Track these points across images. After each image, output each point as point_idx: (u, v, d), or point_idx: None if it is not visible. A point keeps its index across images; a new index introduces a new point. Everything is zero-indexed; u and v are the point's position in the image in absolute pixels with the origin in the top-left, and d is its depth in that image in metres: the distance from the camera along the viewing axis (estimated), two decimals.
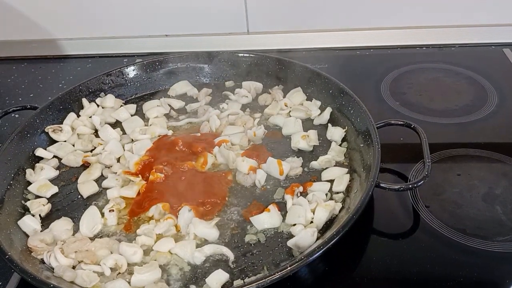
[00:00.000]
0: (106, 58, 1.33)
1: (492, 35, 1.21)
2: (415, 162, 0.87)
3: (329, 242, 0.65)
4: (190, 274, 0.71)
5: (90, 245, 0.74)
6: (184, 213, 0.78)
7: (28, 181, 0.88)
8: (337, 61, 1.21)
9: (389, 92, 1.09)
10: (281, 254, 0.72)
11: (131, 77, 1.09)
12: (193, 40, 1.30)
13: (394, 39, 1.25)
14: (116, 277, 0.70)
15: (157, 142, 0.94)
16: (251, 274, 0.69)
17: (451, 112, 1.02)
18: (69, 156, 0.93)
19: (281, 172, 0.84)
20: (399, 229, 0.77)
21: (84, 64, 1.31)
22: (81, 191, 0.86)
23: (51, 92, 1.19)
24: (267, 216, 0.76)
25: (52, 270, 0.71)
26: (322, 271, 0.71)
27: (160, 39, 1.31)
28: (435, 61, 1.19)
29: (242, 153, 0.90)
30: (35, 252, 0.74)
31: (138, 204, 0.82)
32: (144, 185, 0.85)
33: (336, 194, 0.80)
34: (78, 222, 0.79)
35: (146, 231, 0.76)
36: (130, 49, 1.32)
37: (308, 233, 0.71)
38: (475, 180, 0.84)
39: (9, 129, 1.08)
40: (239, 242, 0.75)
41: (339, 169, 0.84)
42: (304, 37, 1.26)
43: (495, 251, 0.71)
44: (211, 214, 0.79)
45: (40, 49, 1.34)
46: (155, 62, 1.10)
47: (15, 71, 1.30)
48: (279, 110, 1.00)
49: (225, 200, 0.82)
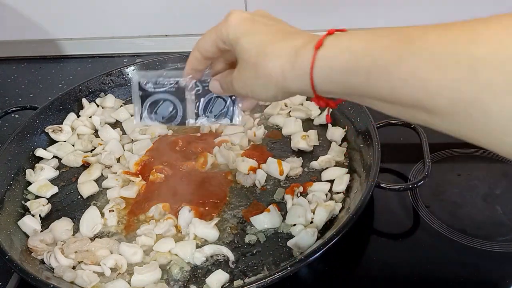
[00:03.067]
0: (106, 58, 1.33)
1: None
2: (415, 162, 0.87)
3: (329, 242, 0.65)
4: (190, 274, 0.71)
5: (90, 245, 0.74)
6: (184, 213, 0.78)
7: (28, 181, 0.88)
8: None
9: None
10: (281, 254, 0.72)
11: (131, 77, 1.09)
12: (193, 40, 1.28)
13: None
14: (116, 278, 0.70)
15: (157, 142, 0.94)
16: (251, 274, 0.69)
17: None
18: (69, 156, 0.93)
19: (281, 172, 0.84)
20: (399, 229, 0.77)
21: (84, 64, 1.31)
22: (81, 191, 0.86)
23: (51, 92, 1.19)
24: (267, 216, 0.76)
25: (52, 271, 0.71)
26: (322, 271, 0.71)
27: (160, 39, 1.31)
28: None
29: (242, 153, 0.90)
30: (35, 252, 0.74)
31: (138, 204, 0.82)
32: (144, 185, 0.85)
33: (336, 194, 0.80)
34: (78, 222, 0.79)
35: (146, 231, 0.76)
36: (130, 49, 1.32)
37: (308, 233, 0.71)
38: (475, 180, 0.84)
39: (9, 129, 1.08)
40: (239, 242, 0.75)
41: (339, 169, 0.84)
42: None
43: (495, 251, 0.71)
44: (211, 214, 0.79)
45: (40, 49, 1.34)
46: (155, 62, 1.09)
47: (15, 71, 1.30)
48: (279, 110, 1.00)
49: (225, 200, 0.82)
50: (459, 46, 0.34)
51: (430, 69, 0.35)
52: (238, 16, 0.53)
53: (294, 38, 0.48)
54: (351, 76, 0.42)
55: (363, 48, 0.40)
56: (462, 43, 0.34)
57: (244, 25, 0.52)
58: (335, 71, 0.43)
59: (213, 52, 0.57)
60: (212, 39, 0.56)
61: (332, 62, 0.43)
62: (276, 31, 0.51)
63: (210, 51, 0.57)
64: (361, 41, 0.41)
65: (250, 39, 0.51)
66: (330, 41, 0.44)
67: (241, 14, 0.53)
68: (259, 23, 0.52)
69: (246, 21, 0.52)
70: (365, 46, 0.40)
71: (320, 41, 0.44)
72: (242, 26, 0.52)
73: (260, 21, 0.52)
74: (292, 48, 0.46)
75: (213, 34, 0.55)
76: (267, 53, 0.48)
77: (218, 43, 0.55)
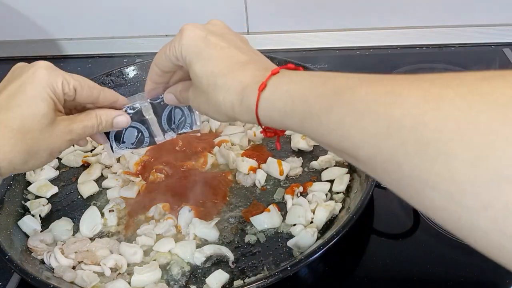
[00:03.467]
0: (106, 58, 1.32)
1: (492, 35, 1.21)
2: None
3: (329, 242, 0.65)
4: (190, 274, 0.71)
5: (90, 245, 0.74)
6: (184, 213, 0.78)
7: (28, 181, 0.88)
8: (337, 61, 1.21)
9: None
10: (281, 254, 0.72)
11: (131, 77, 1.09)
12: None
13: (394, 39, 1.24)
14: (116, 278, 0.70)
15: None
16: (251, 274, 0.69)
17: None
18: (69, 156, 0.93)
19: (281, 172, 0.84)
20: (399, 229, 0.77)
21: (84, 64, 1.31)
22: (81, 191, 0.86)
23: None
24: (267, 216, 0.76)
25: (52, 271, 0.71)
26: (322, 271, 0.71)
27: (160, 39, 1.31)
28: (435, 61, 1.19)
29: (242, 153, 0.90)
30: (35, 252, 0.74)
31: (138, 205, 0.82)
32: (144, 185, 0.85)
33: (336, 194, 0.80)
34: (78, 222, 0.79)
35: (146, 231, 0.76)
36: (130, 49, 1.32)
37: (308, 233, 0.71)
38: None
39: None
40: (239, 242, 0.75)
41: (339, 169, 0.84)
42: (304, 37, 1.26)
43: None
44: (212, 214, 0.79)
45: (40, 49, 1.34)
46: None
47: None
48: None
49: (225, 200, 0.82)
50: (380, 106, 0.36)
51: (354, 123, 0.38)
52: (191, 34, 0.54)
53: (243, 71, 0.50)
54: (288, 118, 0.45)
55: (300, 94, 0.44)
56: (383, 104, 0.35)
57: (196, 45, 0.53)
58: (275, 113, 0.47)
59: (169, 67, 0.59)
60: (167, 55, 0.57)
61: (273, 104, 0.46)
62: (227, 58, 0.52)
63: (167, 66, 0.59)
64: (299, 87, 0.44)
65: (202, 67, 0.53)
66: (272, 84, 0.47)
67: (194, 32, 0.54)
68: (211, 46, 0.53)
69: (199, 40, 0.53)
70: (302, 92, 0.44)
71: (263, 83, 0.47)
72: (194, 46, 0.53)
73: (212, 43, 0.53)
74: (239, 84, 0.50)
75: (167, 51, 0.57)
76: (217, 86, 0.51)
77: (172, 59, 0.56)
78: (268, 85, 0.47)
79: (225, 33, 0.56)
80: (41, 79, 0.56)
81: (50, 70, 0.57)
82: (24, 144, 0.54)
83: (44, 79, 0.56)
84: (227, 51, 0.53)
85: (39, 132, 0.55)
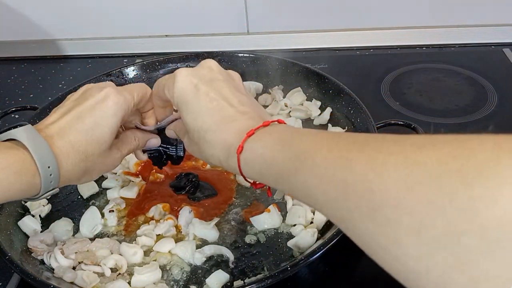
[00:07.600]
0: (106, 58, 1.32)
1: (492, 35, 1.21)
2: None
3: (329, 242, 0.65)
4: (190, 274, 0.71)
5: (90, 245, 0.74)
6: (184, 213, 0.78)
7: None
8: (337, 61, 1.21)
9: (389, 92, 1.09)
10: (281, 255, 0.72)
11: (131, 77, 1.09)
12: (193, 40, 1.30)
13: (394, 39, 1.24)
14: (116, 278, 0.70)
15: None
16: (251, 274, 0.69)
17: (451, 112, 1.02)
18: None
19: None
20: None
21: (84, 64, 1.31)
22: (81, 191, 0.86)
23: (51, 92, 1.19)
24: (267, 216, 0.76)
25: (52, 271, 0.71)
26: (322, 271, 0.71)
27: (160, 39, 1.31)
28: (435, 61, 1.19)
29: None
30: (35, 252, 0.74)
31: (138, 205, 0.82)
32: (144, 185, 0.85)
33: None
34: (78, 223, 0.79)
35: (146, 231, 0.76)
36: (130, 49, 1.32)
37: (308, 234, 0.71)
38: None
39: None
40: (239, 242, 0.75)
41: None
42: (304, 37, 1.26)
43: None
44: (212, 215, 0.79)
45: (40, 49, 1.34)
46: (155, 62, 1.09)
47: (15, 71, 1.30)
48: (279, 110, 1.00)
49: (230, 200, 0.81)
50: (337, 171, 0.39)
51: (316, 186, 0.41)
52: (183, 80, 0.57)
53: (228, 129, 0.53)
54: (265, 178, 0.50)
55: (272, 158, 0.47)
56: (339, 169, 0.38)
57: (187, 94, 0.56)
58: (254, 173, 0.51)
59: (167, 101, 0.63)
60: (162, 92, 0.61)
61: (251, 166, 0.50)
62: (215, 113, 0.55)
63: (165, 99, 0.62)
64: (271, 151, 0.48)
65: (193, 120, 0.56)
66: (248, 147, 0.50)
67: (186, 78, 0.57)
68: (201, 97, 0.56)
69: (189, 90, 0.56)
70: (273, 155, 0.47)
71: (240, 146, 0.51)
72: (185, 95, 0.56)
73: (203, 92, 0.56)
74: (224, 143, 0.53)
75: (161, 89, 0.61)
76: (206, 141, 0.55)
77: (168, 97, 0.60)
78: (245, 148, 0.51)
79: (214, 79, 0.58)
80: (110, 107, 0.61)
81: (119, 97, 0.62)
82: (83, 165, 0.59)
83: (113, 108, 0.61)
84: (215, 104, 0.55)
85: (98, 155, 0.60)
